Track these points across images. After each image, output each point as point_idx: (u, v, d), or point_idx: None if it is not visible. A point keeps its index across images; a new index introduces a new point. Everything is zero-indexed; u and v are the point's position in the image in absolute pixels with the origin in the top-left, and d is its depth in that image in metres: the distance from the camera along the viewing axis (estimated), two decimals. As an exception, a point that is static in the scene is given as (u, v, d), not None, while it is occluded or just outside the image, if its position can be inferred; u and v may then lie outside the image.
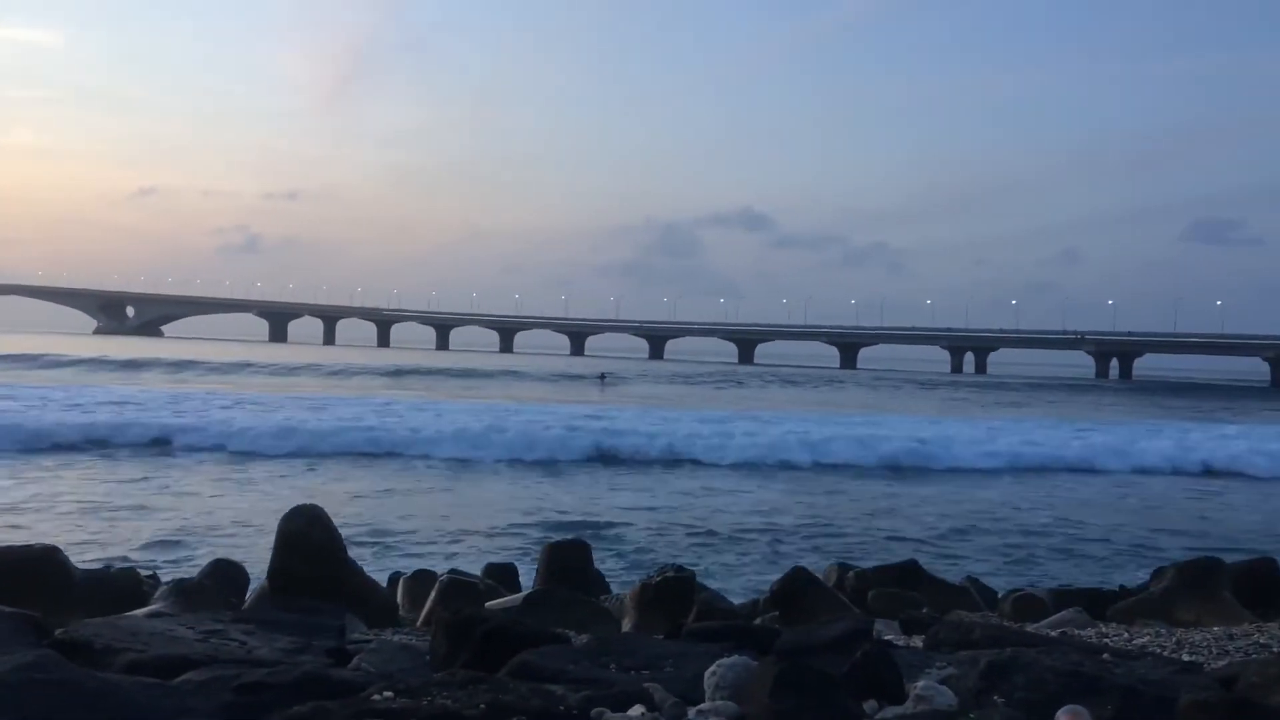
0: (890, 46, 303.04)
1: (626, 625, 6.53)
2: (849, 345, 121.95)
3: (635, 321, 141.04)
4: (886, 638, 5.37)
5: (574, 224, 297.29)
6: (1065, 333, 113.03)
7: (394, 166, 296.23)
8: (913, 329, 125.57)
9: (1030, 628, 6.51)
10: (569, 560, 8.26)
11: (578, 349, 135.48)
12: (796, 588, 7.26)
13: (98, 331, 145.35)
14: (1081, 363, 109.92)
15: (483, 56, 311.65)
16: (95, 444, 20.77)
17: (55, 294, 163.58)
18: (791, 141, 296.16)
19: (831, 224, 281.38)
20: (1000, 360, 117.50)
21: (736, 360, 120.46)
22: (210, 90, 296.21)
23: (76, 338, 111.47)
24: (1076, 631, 6.38)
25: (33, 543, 7.70)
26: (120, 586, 7.23)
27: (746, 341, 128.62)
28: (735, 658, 3.34)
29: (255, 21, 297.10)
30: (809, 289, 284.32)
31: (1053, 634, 5.80)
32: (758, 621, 6.56)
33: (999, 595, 9.17)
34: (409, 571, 8.66)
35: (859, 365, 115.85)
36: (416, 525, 13.55)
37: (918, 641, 5.30)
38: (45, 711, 2.87)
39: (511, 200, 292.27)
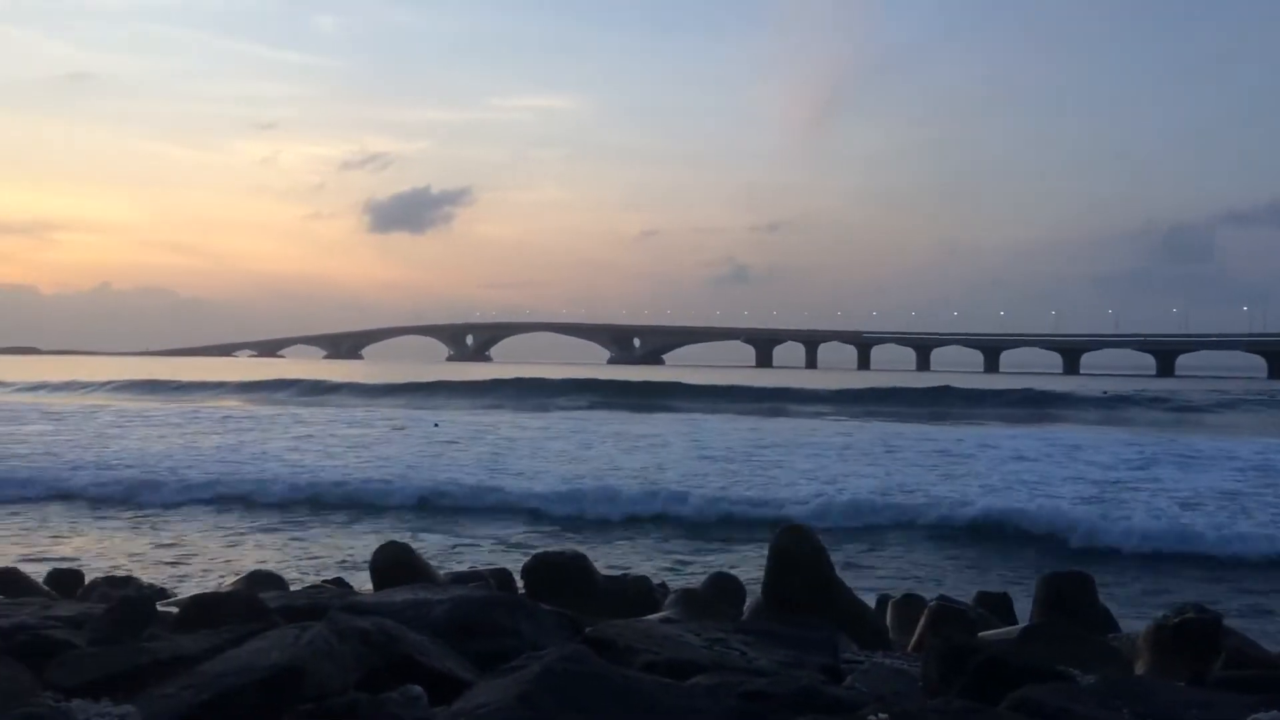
0: None
1: (1139, 668, 5.96)
2: None
3: (1138, 335, 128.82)
4: None
5: (1062, 233, 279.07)
6: None
7: (871, 189, 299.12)
8: None
9: None
10: (1069, 593, 7.72)
11: (1071, 367, 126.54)
12: (1356, 641, 6.17)
13: (610, 361, 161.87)
14: None
15: (955, 71, 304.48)
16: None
17: (576, 329, 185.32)
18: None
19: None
20: None
21: (1266, 375, 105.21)
22: (700, 135, 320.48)
23: (599, 366, 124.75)
24: None
25: (563, 549, 8.77)
26: (635, 592, 7.96)
27: None
28: (1276, 713, 2.95)
29: (736, 66, 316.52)
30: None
31: None
32: (1305, 676, 5.68)
33: None
34: (896, 594, 8.62)
35: None
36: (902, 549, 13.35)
37: None
38: (581, 699, 3.26)
39: (992, 213, 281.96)
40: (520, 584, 7.61)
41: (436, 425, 29.88)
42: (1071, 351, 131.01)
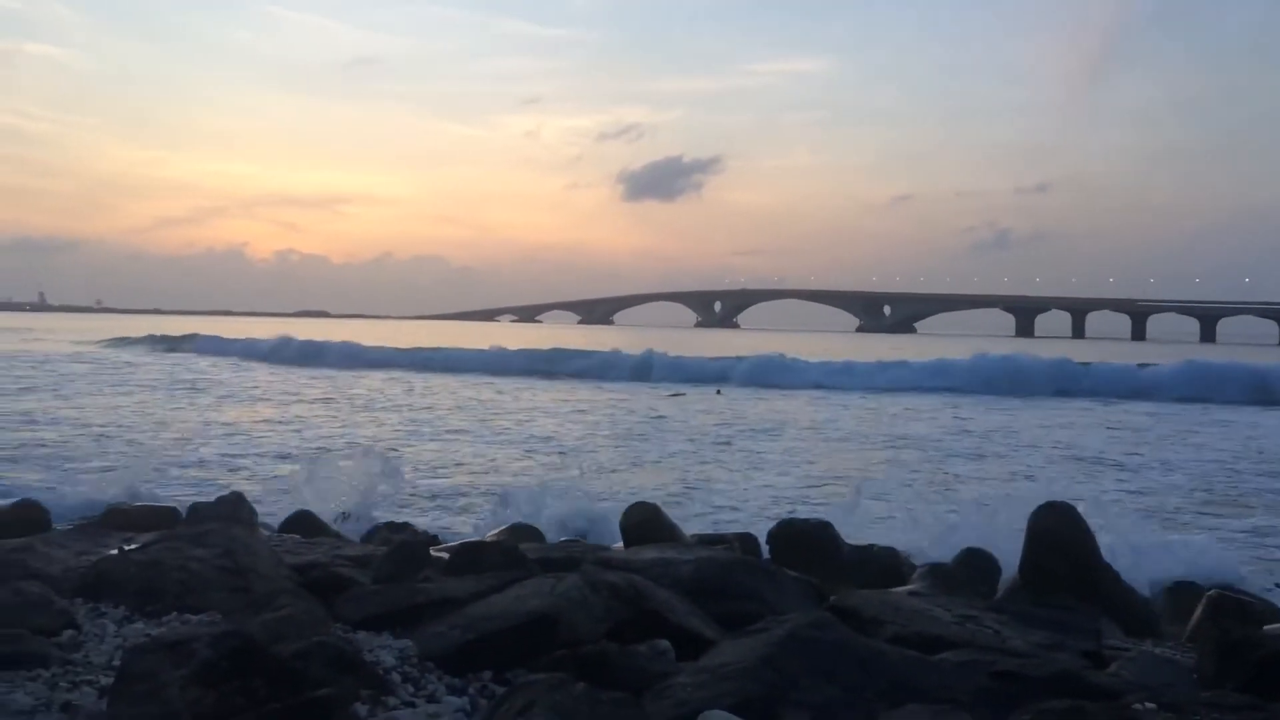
0: None
1: None
2: None
3: None
4: None
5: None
6: None
7: (1150, 146, 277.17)
8: None
9: None
10: (1377, 591, 6.95)
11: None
12: None
13: (859, 330, 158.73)
14: None
15: (1241, 14, 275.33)
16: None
17: (824, 296, 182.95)
18: None
19: None
20: None
21: None
22: (957, 94, 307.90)
23: (848, 335, 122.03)
24: None
25: (809, 517, 8.72)
26: (881, 564, 7.82)
27: None
28: None
29: (997, 20, 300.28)
30: None
31: None
32: None
33: None
34: (1169, 581, 8.03)
35: None
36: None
37: None
38: (825, 665, 3.26)
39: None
40: (765, 549, 7.65)
41: (719, 392, 29.78)
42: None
